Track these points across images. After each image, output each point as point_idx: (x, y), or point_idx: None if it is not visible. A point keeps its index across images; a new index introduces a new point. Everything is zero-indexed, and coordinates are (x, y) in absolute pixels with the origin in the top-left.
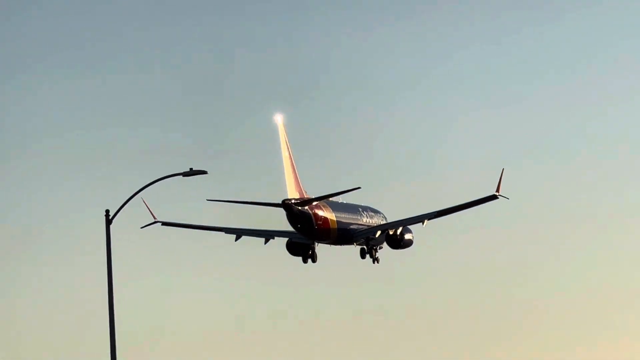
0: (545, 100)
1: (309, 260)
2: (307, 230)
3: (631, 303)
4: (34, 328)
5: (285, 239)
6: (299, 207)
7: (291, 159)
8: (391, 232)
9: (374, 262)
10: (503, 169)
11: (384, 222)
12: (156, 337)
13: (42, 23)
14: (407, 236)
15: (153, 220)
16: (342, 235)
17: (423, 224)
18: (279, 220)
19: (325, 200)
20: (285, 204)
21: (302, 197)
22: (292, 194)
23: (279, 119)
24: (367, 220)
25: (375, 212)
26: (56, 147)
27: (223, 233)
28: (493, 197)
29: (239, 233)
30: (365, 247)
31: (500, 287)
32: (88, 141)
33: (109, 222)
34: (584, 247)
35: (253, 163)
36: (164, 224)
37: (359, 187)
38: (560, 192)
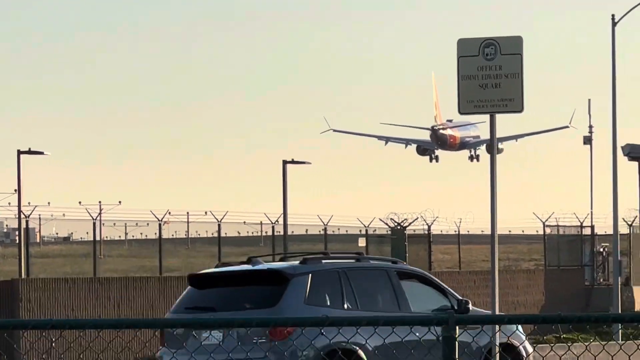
0: None
1: (434, 161)
2: (442, 145)
3: None
4: None
5: (415, 145)
6: (441, 131)
7: (437, 98)
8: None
9: (477, 160)
10: (575, 109)
11: (479, 134)
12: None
13: None
14: (501, 145)
15: (328, 128)
16: (461, 145)
17: (516, 140)
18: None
19: (453, 123)
20: (433, 129)
21: (442, 123)
22: (437, 121)
23: (433, 74)
24: (472, 133)
25: (475, 126)
26: None
27: (376, 139)
28: (565, 127)
29: (387, 139)
30: (472, 153)
31: None
32: None
33: None
34: None
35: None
36: (335, 131)
37: (484, 121)
38: None
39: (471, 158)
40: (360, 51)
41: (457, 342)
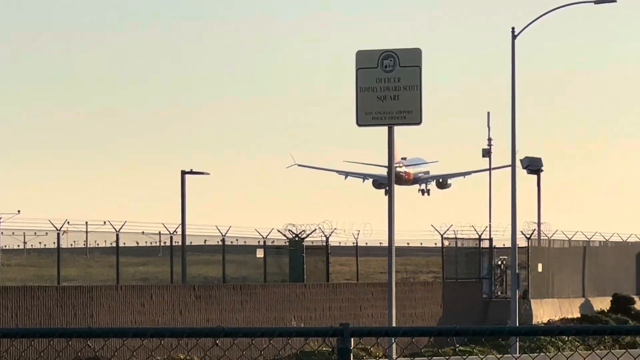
0: None
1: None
2: (398, 181)
3: None
4: None
5: (372, 179)
6: (397, 169)
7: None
8: (441, 180)
9: (428, 194)
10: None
11: (429, 169)
12: None
13: None
14: (449, 181)
15: (293, 163)
16: (414, 181)
17: (464, 177)
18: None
19: (407, 161)
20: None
21: (398, 162)
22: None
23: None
24: (423, 169)
25: (426, 163)
26: None
27: (336, 173)
28: (509, 166)
29: (346, 174)
30: (423, 188)
31: None
32: None
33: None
34: None
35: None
36: (300, 165)
37: (437, 161)
38: None
39: (422, 192)
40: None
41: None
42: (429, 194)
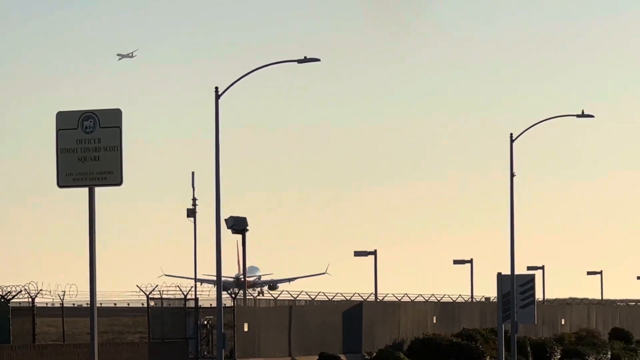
0: None
1: (235, 296)
2: (242, 286)
3: None
4: None
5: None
6: (242, 278)
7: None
8: (271, 284)
9: (262, 295)
10: (328, 264)
11: (260, 275)
12: None
13: None
14: (278, 285)
15: (162, 274)
16: (252, 285)
17: (289, 282)
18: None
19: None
20: (237, 277)
21: (241, 272)
22: (239, 272)
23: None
24: (257, 275)
25: (258, 271)
26: None
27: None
28: (323, 274)
29: (202, 281)
30: (259, 290)
31: None
32: None
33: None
34: None
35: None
36: (167, 275)
37: (271, 273)
38: None
39: (258, 293)
40: None
41: None
42: (263, 295)
